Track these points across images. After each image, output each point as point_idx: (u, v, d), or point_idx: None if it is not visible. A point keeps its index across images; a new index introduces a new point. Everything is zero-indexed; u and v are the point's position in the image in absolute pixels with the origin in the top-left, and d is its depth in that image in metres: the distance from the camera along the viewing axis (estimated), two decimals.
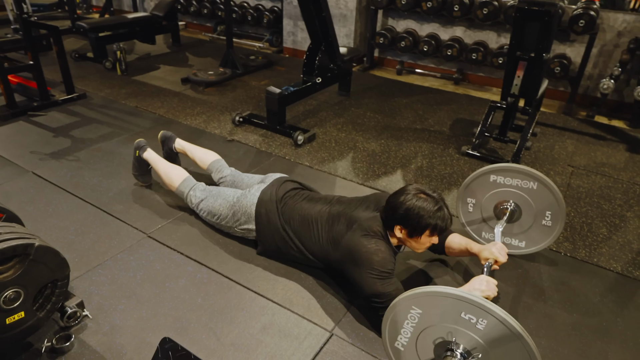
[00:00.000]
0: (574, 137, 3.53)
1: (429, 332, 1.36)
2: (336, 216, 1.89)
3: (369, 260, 1.69)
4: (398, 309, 1.38)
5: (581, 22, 3.79)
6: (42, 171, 2.70)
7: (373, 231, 1.75)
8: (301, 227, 1.94)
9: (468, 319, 1.27)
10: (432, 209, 1.68)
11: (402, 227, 1.73)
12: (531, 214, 2.02)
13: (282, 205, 2.01)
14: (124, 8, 6.89)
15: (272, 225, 2.00)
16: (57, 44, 3.55)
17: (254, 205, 2.04)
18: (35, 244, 1.44)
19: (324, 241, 1.88)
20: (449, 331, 1.32)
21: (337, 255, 1.83)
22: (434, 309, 1.32)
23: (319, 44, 3.66)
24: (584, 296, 1.97)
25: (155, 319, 1.75)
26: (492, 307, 1.22)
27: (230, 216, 2.11)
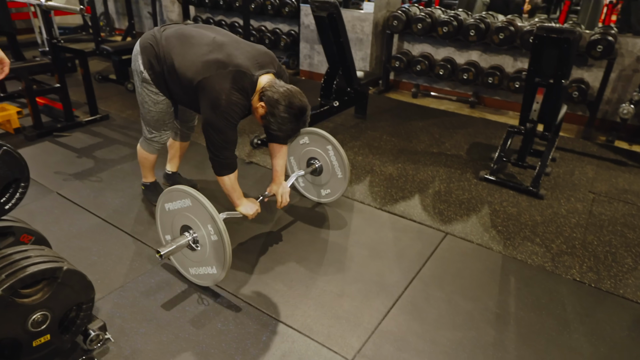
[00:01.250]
0: (594, 163, 3.49)
1: (185, 215, 1.89)
2: (219, 45, 1.96)
3: (225, 109, 1.86)
4: (177, 193, 1.88)
5: (599, 47, 3.80)
6: (66, 191, 2.76)
7: (242, 86, 1.88)
8: (179, 42, 2.01)
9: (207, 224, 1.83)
10: (287, 132, 1.94)
11: (265, 108, 1.90)
12: (329, 169, 2.57)
13: (163, 28, 2.12)
14: (145, 31, 7.09)
15: (153, 44, 2.06)
16: (83, 67, 3.67)
17: (138, 45, 2.12)
18: (64, 268, 1.47)
19: (197, 62, 1.93)
20: (197, 224, 1.87)
21: (201, 81, 1.89)
22: (198, 208, 1.82)
23: (337, 68, 3.72)
24: (611, 329, 1.92)
25: (176, 343, 1.75)
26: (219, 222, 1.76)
27: (137, 80, 2.19)
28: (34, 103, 3.41)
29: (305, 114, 1.91)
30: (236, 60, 1.91)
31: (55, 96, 3.65)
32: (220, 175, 2.05)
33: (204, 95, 1.91)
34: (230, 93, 1.86)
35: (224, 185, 2.07)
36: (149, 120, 2.30)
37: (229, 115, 1.88)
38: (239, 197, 2.11)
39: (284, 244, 2.39)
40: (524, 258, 2.34)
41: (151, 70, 2.10)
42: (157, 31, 2.12)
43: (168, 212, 1.97)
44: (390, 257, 2.30)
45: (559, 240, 2.50)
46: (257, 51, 2.02)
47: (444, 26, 4.45)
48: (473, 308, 2.00)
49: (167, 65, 2.04)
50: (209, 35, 2.02)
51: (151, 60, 2.08)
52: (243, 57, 1.93)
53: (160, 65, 2.07)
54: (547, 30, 2.71)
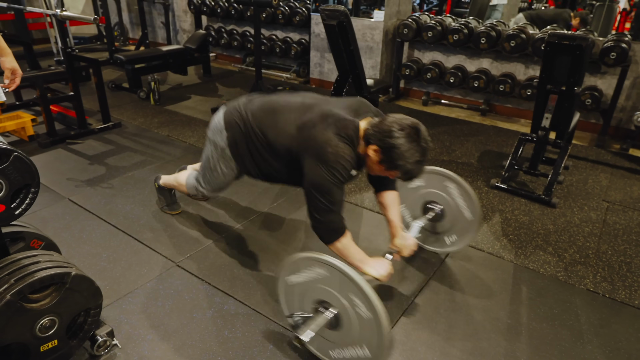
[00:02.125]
0: (607, 171, 3.43)
1: (317, 288, 1.55)
2: (309, 106, 1.79)
3: (333, 163, 1.62)
4: (306, 261, 1.55)
5: (612, 54, 3.75)
6: (77, 198, 2.79)
7: (347, 134, 1.67)
8: (267, 116, 1.86)
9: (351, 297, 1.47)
10: (416, 158, 1.62)
11: (378, 152, 1.65)
12: (454, 211, 2.19)
13: (247, 102, 1.97)
14: (159, 40, 7.21)
15: (239, 121, 1.92)
16: (97, 76, 3.73)
17: (221, 118, 2.00)
18: (72, 273, 1.48)
19: (290, 127, 1.76)
20: (333, 294, 1.51)
21: (300, 141, 1.72)
22: (328, 274, 1.50)
23: (347, 76, 3.73)
24: (626, 341, 1.86)
25: (183, 350, 1.75)
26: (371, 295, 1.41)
27: (213, 149, 2.05)
28: (48, 111, 3.47)
29: (420, 131, 1.63)
30: (332, 111, 1.73)
31: (69, 104, 3.71)
32: (330, 243, 1.75)
33: (306, 155, 1.69)
34: (336, 144, 1.63)
35: (339, 252, 1.74)
36: (211, 182, 2.16)
37: (336, 171, 1.63)
38: (361, 259, 1.76)
39: (294, 252, 2.38)
40: (536, 267, 2.30)
41: (235, 149, 1.97)
42: (242, 107, 1.96)
43: (293, 286, 1.62)
44: (400, 265, 2.28)
45: (572, 249, 2.45)
46: (350, 100, 1.85)
47: (454, 34, 4.44)
48: (484, 318, 1.97)
49: (259, 142, 1.88)
50: (296, 99, 1.89)
51: (237, 139, 1.94)
52: (338, 108, 1.76)
53: (247, 144, 1.92)
54: (559, 37, 2.69)
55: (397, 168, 1.65)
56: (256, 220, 2.64)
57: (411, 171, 1.66)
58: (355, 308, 1.46)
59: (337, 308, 1.52)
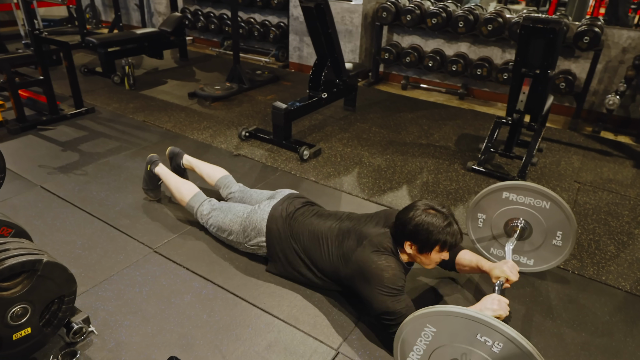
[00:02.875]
0: (580, 153, 3.52)
1: (442, 351, 1.34)
2: (346, 232, 1.88)
3: (379, 277, 1.67)
4: (411, 327, 1.37)
5: (586, 38, 3.81)
6: (50, 185, 2.72)
7: (383, 247, 1.74)
8: (311, 243, 1.94)
9: (484, 341, 1.25)
10: (442, 224, 1.67)
11: (411, 243, 1.72)
12: (542, 233, 2.00)
13: (292, 221, 2.02)
14: (133, 23, 7.01)
15: (283, 241, 2.00)
16: (67, 59, 3.61)
17: (264, 221, 2.04)
18: (44, 260, 1.45)
19: (334, 257, 1.87)
20: (463, 352, 1.30)
21: (347, 272, 1.81)
22: (448, 328, 1.30)
23: (325, 59, 3.70)
24: (593, 315, 1.94)
25: (161, 335, 1.75)
26: (507, 330, 1.20)
27: (241, 232, 2.11)
28: (17, 96, 3.35)
29: (434, 205, 1.70)
30: (366, 231, 1.82)
31: (39, 89, 3.59)
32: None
33: (357, 281, 1.75)
34: (377, 259, 1.69)
35: None
36: (216, 225, 2.20)
37: (388, 282, 1.64)
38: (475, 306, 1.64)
39: None
40: None
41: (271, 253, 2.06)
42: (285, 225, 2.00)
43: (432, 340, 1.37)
44: None
45: None
46: (376, 214, 1.93)
47: (433, 18, 4.44)
48: (458, 296, 2.02)
49: (301, 261, 1.97)
50: (333, 227, 1.93)
51: (276, 248, 2.02)
52: (371, 225, 1.86)
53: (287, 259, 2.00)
54: (533, 21, 2.72)
55: (436, 244, 1.69)
56: None
57: (447, 239, 1.68)
58: None
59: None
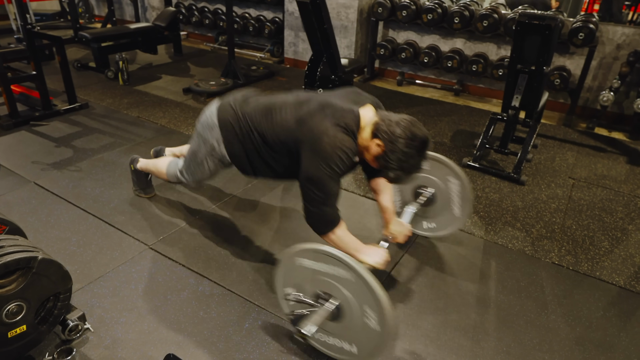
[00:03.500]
0: (574, 149, 3.54)
1: (327, 282, 1.51)
2: (305, 101, 1.76)
3: (329, 154, 1.59)
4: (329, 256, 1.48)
5: (580, 35, 3.83)
6: (43, 181, 2.70)
7: (346, 124, 1.63)
8: (263, 116, 1.81)
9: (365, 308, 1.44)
10: (412, 169, 1.66)
11: (381, 150, 1.63)
12: (445, 202, 2.19)
13: (243, 104, 1.90)
14: (126, 18, 6.94)
15: (234, 122, 1.86)
16: (60, 54, 3.57)
17: (214, 114, 1.92)
18: (39, 257, 1.44)
19: (288, 122, 1.72)
20: (333, 283, 1.49)
21: (297, 135, 1.68)
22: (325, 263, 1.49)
23: (321, 55, 3.69)
24: (587, 310, 1.96)
25: (157, 332, 1.74)
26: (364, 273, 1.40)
27: (201, 143, 1.98)
28: (9, 91, 3.31)
29: (427, 145, 1.64)
30: (330, 101, 1.71)
31: (32, 84, 3.55)
32: (324, 234, 1.71)
33: (304, 147, 1.66)
34: (334, 134, 1.60)
35: (333, 243, 1.69)
36: (195, 174, 2.09)
37: (333, 162, 1.60)
38: (357, 248, 1.73)
39: (268, 232, 2.38)
40: (505, 243, 2.37)
41: (229, 150, 1.91)
42: (238, 107, 1.89)
43: (303, 268, 1.56)
44: (374, 243, 2.31)
45: (539, 225, 2.54)
46: (346, 90, 1.83)
47: (428, 13, 4.44)
48: (454, 292, 2.03)
49: (255, 142, 1.83)
50: (289, 97, 1.85)
51: (232, 140, 1.88)
52: (335, 98, 1.74)
53: (243, 146, 1.87)
54: (529, 17, 2.72)
55: (390, 170, 1.66)
56: (230, 202, 2.62)
57: (401, 178, 1.70)
58: (365, 317, 1.44)
59: (340, 303, 1.49)
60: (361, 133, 1.67)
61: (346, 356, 1.58)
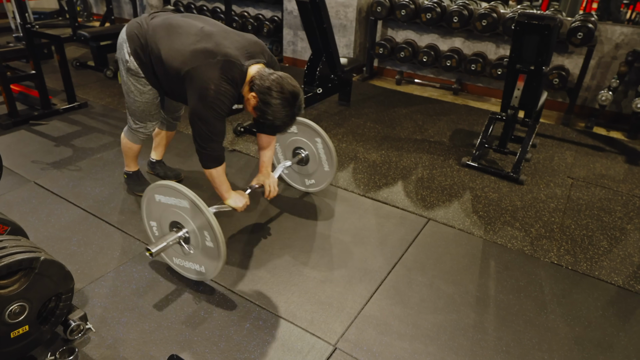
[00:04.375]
0: (573, 149, 3.55)
1: (176, 212, 1.84)
2: (207, 35, 1.90)
3: (214, 99, 1.80)
4: (165, 189, 1.83)
5: (579, 34, 3.84)
6: (43, 181, 2.70)
7: (232, 76, 1.83)
8: (167, 33, 1.96)
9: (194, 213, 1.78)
10: (284, 120, 1.85)
11: (256, 101, 1.83)
12: (315, 161, 2.53)
13: (149, 17, 2.06)
14: (125, 16, 6.92)
15: (139, 34, 2.02)
16: (60, 53, 3.56)
17: (123, 31, 2.07)
18: (41, 258, 1.44)
19: (185, 51, 1.87)
20: (184, 217, 1.82)
21: (189, 69, 1.84)
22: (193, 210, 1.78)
23: (320, 54, 3.69)
24: (586, 310, 1.97)
25: (159, 332, 1.75)
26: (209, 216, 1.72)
27: (121, 66, 2.13)
28: (9, 90, 3.31)
29: (298, 99, 1.83)
30: (225, 49, 1.85)
31: (31, 83, 3.55)
32: (207, 168, 1.99)
33: (191, 86, 1.85)
34: (219, 83, 1.80)
35: (212, 178, 2.01)
36: (135, 110, 2.25)
37: (216, 106, 1.82)
38: (227, 190, 2.06)
39: (267, 231, 2.38)
40: (504, 242, 2.38)
41: (138, 60, 2.05)
42: (144, 20, 2.06)
43: (157, 204, 1.90)
44: (373, 243, 2.32)
45: (538, 224, 2.55)
46: (247, 41, 1.95)
47: (427, 12, 4.44)
48: (454, 292, 2.04)
49: (154, 55, 1.99)
50: (197, 24, 1.96)
51: (137, 49, 2.02)
52: (232, 47, 1.87)
53: (146, 55, 2.02)
54: (528, 17, 2.73)
55: (265, 120, 1.86)
56: None
57: (276, 128, 1.95)
58: (204, 237, 1.80)
59: (187, 231, 1.85)
60: (245, 87, 1.88)
61: (196, 276, 1.97)
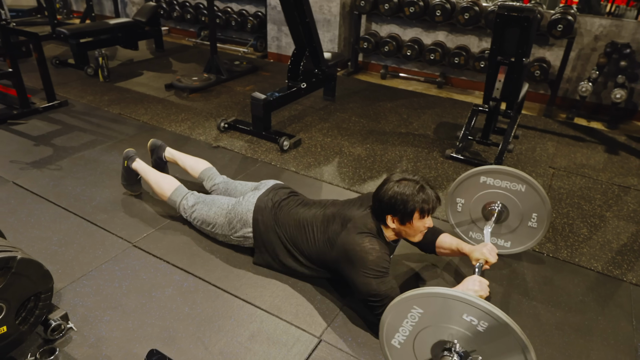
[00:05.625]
0: (554, 139, 3.60)
1: (428, 331, 1.37)
2: (331, 217, 1.90)
3: (364, 259, 1.69)
4: (398, 309, 1.39)
5: (559, 26, 3.88)
6: (23, 181, 2.65)
7: (367, 228, 1.77)
8: (297, 232, 1.95)
9: (469, 321, 1.28)
10: (415, 191, 1.72)
11: (392, 216, 1.76)
12: (518, 215, 2.07)
13: (277, 211, 2.02)
14: (106, 13, 6.81)
15: (270, 232, 2.00)
16: (37, 51, 3.50)
17: (250, 212, 2.03)
18: (18, 257, 1.42)
19: (320, 243, 1.88)
20: (450, 332, 1.33)
21: (333, 256, 1.82)
22: (434, 309, 1.33)
23: (304, 49, 3.68)
24: (567, 295, 2.01)
25: (142, 329, 1.73)
26: (492, 309, 1.23)
27: (226, 224, 2.10)
28: None
29: (405, 175, 1.76)
30: (349, 214, 1.84)
31: (9, 82, 3.47)
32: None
33: (344, 265, 1.76)
34: (361, 242, 1.71)
35: None
36: (200, 218, 2.18)
37: (373, 264, 1.67)
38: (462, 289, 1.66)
39: None
40: None
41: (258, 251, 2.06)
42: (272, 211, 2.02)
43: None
44: None
45: None
46: (359, 197, 1.96)
47: (410, 6, 4.45)
48: (437, 282, 2.06)
49: (287, 248, 1.98)
50: (316, 214, 1.94)
51: (263, 239, 2.01)
52: (352, 208, 1.87)
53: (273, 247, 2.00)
54: (508, 9, 2.75)
55: (414, 211, 1.72)
56: None
57: (423, 205, 1.72)
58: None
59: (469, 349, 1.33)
60: (383, 228, 1.80)
61: None
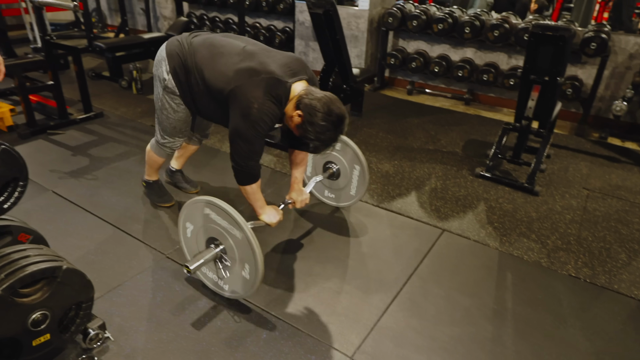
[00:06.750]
0: (587, 159, 3.53)
1: (208, 228, 1.85)
2: (250, 54, 1.91)
3: (257, 118, 1.80)
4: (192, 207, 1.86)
5: (593, 44, 3.83)
6: (61, 190, 2.74)
7: (276, 94, 1.82)
8: (210, 55, 1.95)
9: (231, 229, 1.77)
10: (328, 142, 1.85)
11: (301, 120, 1.81)
12: (346, 176, 2.51)
13: (189, 37, 2.06)
14: (138, 27, 7.04)
15: (180, 53, 2.02)
16: (77, 64, 3.63)
17: (163, 49, 2.08)
18: (63, 267, 1.46)
19: (229, 71, 1.87)
20: (221, 232, 1.81)
21: (233, 88, 1.84)
22: (219, 215, 1.78)
23: (333, 65, 3.72)
24: (606, 324, 1.94)
25: (176, 341, 1.75)
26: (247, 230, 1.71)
27: (157, 83, 2.14)
28: (27, 101, 3.37)
29: (343, 122, 1.83)
30: (269, 67, 1.85)
31: (49, 94, 3.61)
32: (243, 185, 2.00)
33: (234, 104, 1.85)
34: (263, 102, 1.80)
35: (247, 194, 2.02)
36: (166, 126, 2.24)
37: (258, 125, 1.82)
38: (261, 205, 2.06)
39: (282, 242, 2.39)
40: (520, 254, 2.36)
41: (176, 79, 2.05)
42: (185, 39, 2.06)
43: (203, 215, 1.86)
44: (388, 254, 2.32)
45: (554, 236, 2.53)
46: (289, 58, 1.95)
47: (439, 23, 4.46)
48: (470, 304, 2.02)
49: (195, 76, 1.99)
50: (239, 44, 1.97)
51: (177, 68, 2.02)
52: (275, 65, 1.87)
53: (186, 75, 2.02)
54: (542, 28, 2.73)
55: (307, 139, 1.86)
56: (246, 211, 2.63)
57: (315, 148, 1.94)
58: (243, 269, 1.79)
59: (223, 244, 1.83)
60: (288, 104, 1.87)
61: (220, 290, 1.96)
